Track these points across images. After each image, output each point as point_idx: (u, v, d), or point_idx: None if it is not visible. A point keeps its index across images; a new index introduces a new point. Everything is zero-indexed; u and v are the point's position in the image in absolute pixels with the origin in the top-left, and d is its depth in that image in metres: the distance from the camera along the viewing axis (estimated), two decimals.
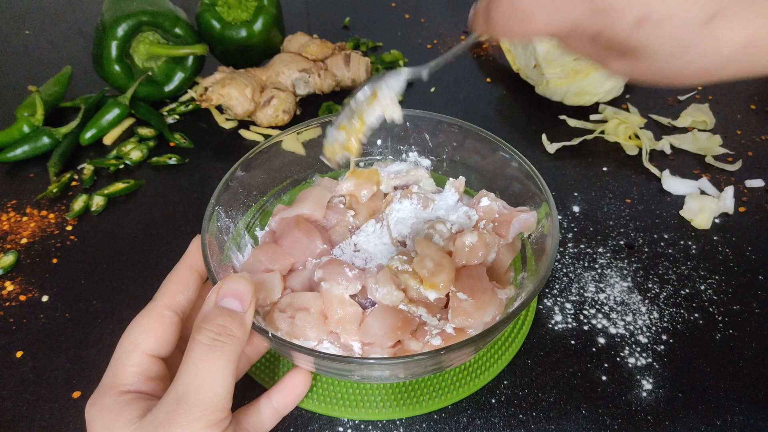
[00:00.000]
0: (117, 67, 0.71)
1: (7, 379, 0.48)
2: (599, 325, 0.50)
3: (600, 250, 0.57)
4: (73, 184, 0.66)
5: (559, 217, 0.60)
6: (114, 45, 0.69)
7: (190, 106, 0.77)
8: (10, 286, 0.55)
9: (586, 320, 0.51)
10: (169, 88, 0.75)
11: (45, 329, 0.51)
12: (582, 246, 0.57)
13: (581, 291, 0.53)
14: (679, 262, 0.56)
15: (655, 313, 0.51)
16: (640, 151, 0.68)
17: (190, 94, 0.78)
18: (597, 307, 0.52)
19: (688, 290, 0.53)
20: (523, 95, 0.78)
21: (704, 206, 0.60)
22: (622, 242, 0.58)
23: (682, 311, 0.52)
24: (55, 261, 0.57)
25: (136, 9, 0.69)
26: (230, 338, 0.34)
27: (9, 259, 0.57)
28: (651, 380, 0.46)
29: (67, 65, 0.80)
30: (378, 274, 0.43)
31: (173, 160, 0.69)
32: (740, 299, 0.52)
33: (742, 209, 0.61)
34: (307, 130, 0.53)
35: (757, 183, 0.64)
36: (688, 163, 0.67)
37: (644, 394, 0.46)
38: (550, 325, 0.51)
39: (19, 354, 0.49)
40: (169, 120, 0.75)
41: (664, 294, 0.53)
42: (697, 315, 0.51)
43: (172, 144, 0.71)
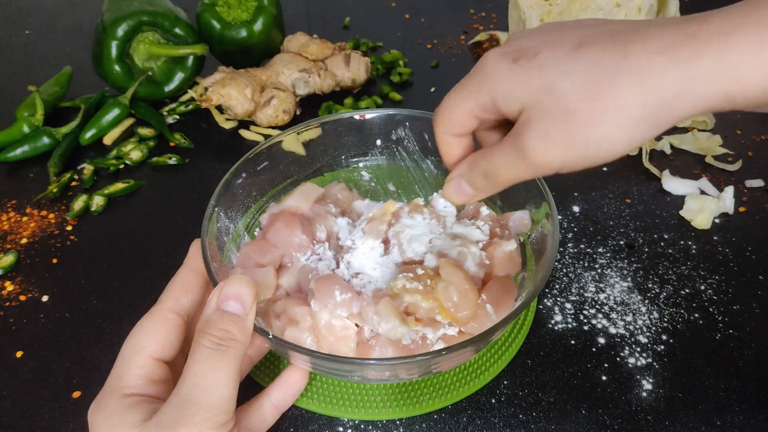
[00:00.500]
0: (117, 67, 0.71)
1: (7, 379, 0.48)
2: (599, 325, 0.50)
3: (600, 250, 0.57)
4: (73, 184, 0.66)
5: (559, 217, 0.60)
6: (114, 45, 0.69)
7: (190, 106, 0.77)
8: (10, 286, 0.55)
9: (586, 320, 0.51)
10: (169, 88, 0.75)
11: (45, 329, 0.51)
12: (582, 246, 0.58)
13: (581, 291, 0.53)
14: (679, 262, 0.56)
15: (655, 313, 0.51)
16: (640, 151, 0.68)
17: (190, 94, 0.78)
18: (597, 307, 0.52)
19: (688, 290, 0.53)
20: None
21: (704, 206, 0.60)
22: (622, 242, 0.58)
23: (682, 311, 0.52)
24: (55, 261, 0.57)
25: (136, 9, 0.69)
26: (233, 342, 0.34)
27: (9, 259, 0.57)
28: (651, 380, 0.47)
29: (67, 65, 0.80)
30: (379, 304, 0.39)
31: (173, 160, 0.69)
32: (740, 299, 0.52)
33: (742, 209, 0.61)
34: (307, 130, 0.53)
35: (757, 183, 0.64)
36: (688, 163, 0.67)
37: (644, 394, 0.46)
38: (550, 325, 0.51)
39: (19, 354, 0.49)
40: (169, 120, 0.75)
41: (664, 294, 0.53)
42: (697, 315, 0.51)
43: (172, 144, 0.71)
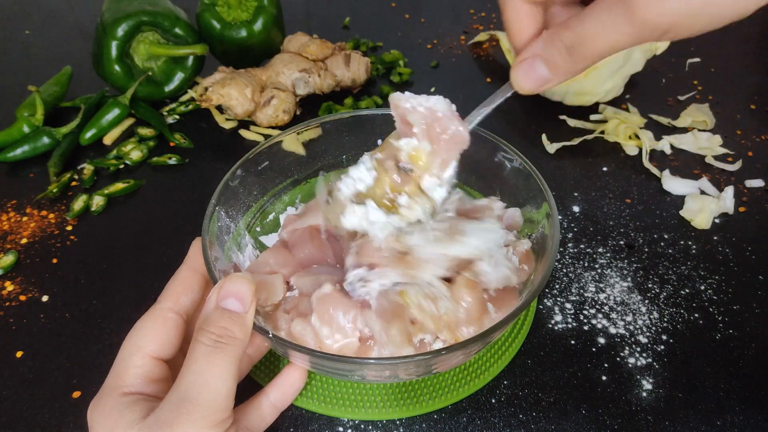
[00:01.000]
0: (117, 67, 0.71)
1: (7, 379, 0.48)
2: (599, 325, 0.50)
3: (600, 250, 0.57)
4: (73, 184, 0.66)
5: (559, 217, 0.60)
6: (114, 45, 0.69)
7: (190, 106, 0.77)
8: (10, 286, 0.55)
9: (586, 320, 0.51)
10: (169, 88, 0.75)
11: (45, 329, 0.51)
12: (582, 246, 0.57)
13: (581, 291, 0.53)
14: (679, 262, 0.56)
15: (655, 313, 0.51)
16: (640, 151, 0.68)
17: (190, 94, 0.78)
18: (597, 307, 0.52)
19: (688, 290, 0.53)
20: (523, 95, 0.78)
21: (704, 206, 0.60)
22: (622, 242, 0.58)
23: (682, 311, 0.52)
24: (55, 261, 0.57)
25: (136, 9, 0.69)
26: (232, 339, 0.34)
27: (9, 259, 0.57)
28: (651, 380, 0.46)
29: (67, 65, 0.80)
30: (392, 330, 0.38)
31: (173, 160, 0.69)
32: (740, 299, 0.52)
33: (742, 209, 0.61)
34: (307, 130, 0.53)
35: (757, 183, 0.64)
36: (688, 163, 0.67)
37: (644, 394, 0.46)
38: (550, 325, 0.51)
39: (19, 354, 0.49)
40: (169, 120, 0.75)
41: (664, 294, 0.53)
42: (697, 315, 0.51)
43: (172, 144, 0.71)
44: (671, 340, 0.49)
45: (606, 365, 0.48)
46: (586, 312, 0.52)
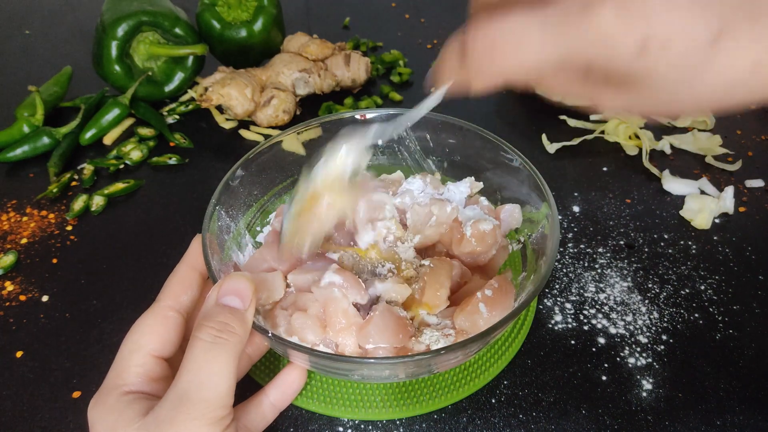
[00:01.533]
0: (117, 67, 0.71)
1: (7, 379, 0.47)
2: (599, 325, 0.50)
3: (600, 250, 0.57)
4: (73, 184, 0.66)
5: (559, 217, 0.60)
6: (114, 45, 0.69)
7: (190, 106, 0.77)
8: (10, 286, 0.55)
9: (586, 320, 0.51)
10: (169, 88, 0.75)
11: (45, 329, 0.51)
12: (582, 246, 0.57)
13: (581, 291, 0.53)
14: (679, 262, 0.56)
15: (655, 313, 0.51)
16: (640, 151, 0.68)
17: (190, 94, 0.78)
18: (597, 307, 0.52)
19: (688, 290, 0.53)
20: (523, 95, 0.78)
21: (704, 206, 0.60)
22: (622, 242, 0.58)
23: (682, 311, 0.52)
24: (55, 261, 0.57)
25: (136, 9, 0.69)
26: (232, 335, 0.34)
27: (9, 259, 0.57)
28: (651, 380, 0.46)
29: (67, 65, 0.80)
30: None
31: (173, 160, 0.69)
32: (740, 299, 0.52)
33: (742, 209, 0.61)
34: (307, 130, 0.53)
35: (757, 183, 0.64)
36: (688, 163, 0.67)
37: (644, 394, 0.46)
38: (550, 325, 0.51)
39: (19, 354, 0.49)
40: (169, 120, 0.75)
41: (664, 294, 0.53)
42: (697, 315, 0.51)
43: (172, 144, 0.71)
44: (671, 340, 0.49)
45: (606, 365, 0.48)
46: (586, 312, 0.52)
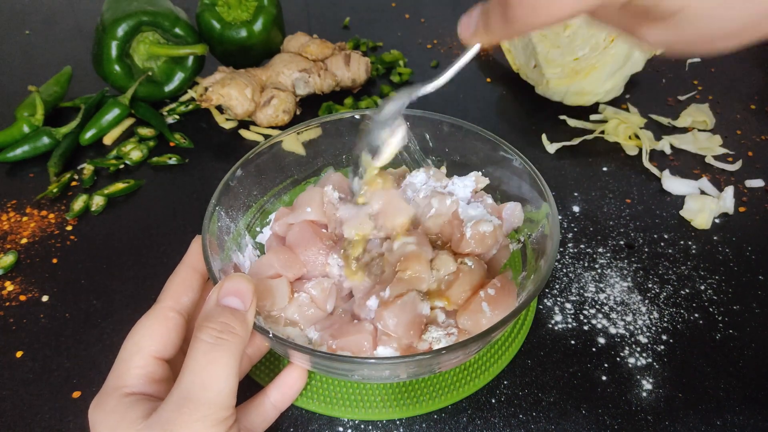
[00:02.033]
0: (117, 67, 0.71)
1: (7, 379, 0.48)
2: (599, 325, 0.50)
3: (600, 250, 0.57)
4: (73, 184, 0.66)
5: (559, 217, 0.60)
6: (114, 45, 0.69)
7: (190, 106, 0.76)
8: (10, 286, 0.55)
9: (586, 320, 0.51)
10: (169, 88, 0.75)
11: (45, 329, 0.51)
12: (582, 246, 0.57)
13: (581, 291, 0.53)
14: (679, 262, 0.56)
15: (655, 313, 0.51)
16: (640, 151, 0.68)
17: (190, 94, 0.78)
18: (597, 307, 0.52)
19: (688, 290, 0.53)
20: (523, 95, 0.78)
21: (704, 206, 0.60)
22: (622, 242, 0.58)
23: (682, 311, 0.52)
24: (55, 261, 0.57)
25: (136, 9, 0.69)
26: (233, 336, 0.34)
27: (9, 259, 0.57)
28: (651, 380, 0.47)
29: (67, 65, 0.80)
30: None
31: (173, 160, 0.69)
32: (740, 299, 0.52)
33: (742, 209, 0.61)
34: (307, 130, 0.53)
35: (757, 183, 0.64)
36: (688, 163, 0.67)
37: (644, 394, 0.46)
38: (550, 325, 0.51)
39: (19, 354, 0.49)
40: (169, 120, 0.75)
41: (664, 294, 0.53)
42: (697, 315, 0.51)
43: (172, 144, 0.71)
44: (671, 340, 0.49)
45: (606, 365, 0.48)
46: (586, 312, 0.52)
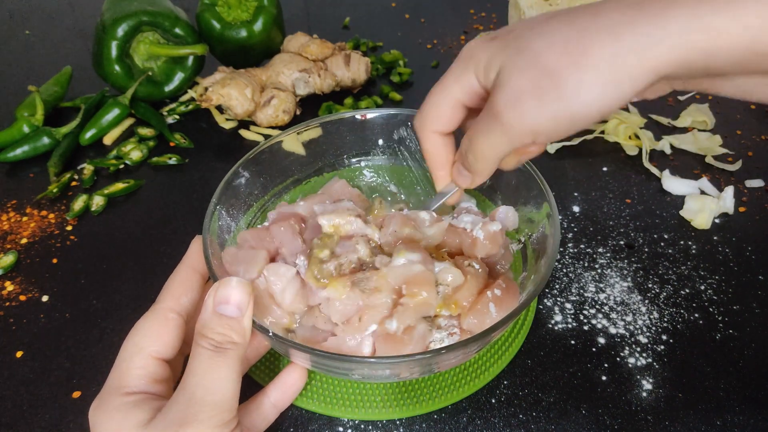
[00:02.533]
0: (117, 67, 0.71)
1: (7, 379, 0.48)
2: (599, 325, 0.50)
3: (600, 250, 0.57)
4: (73, 184, 0.66)
5: (559, 217, 0.60)
6: (114, 45, 0.70)
7: (190, 106, 0.77)
8: (10, 286, 0.55)
9: (586, 320, 0.51)
10: (169, 88, 0.75)
11: (45, 329, 0.51)
12: (582, 246, 0.58)
13: (581, 291, 0.53)
14: (679, 262, 0.56)
15: (655, 313, 0.51)
16: (640, 151, 0.68)
17: (190, 94, 0.78)
18: (597, 307, 0.52)
19: (688, 290, 0.53)
20: None
21: (704, 206, 0.60)
22: (622, 242, 0.58)
23: (682, 311, 0.52)
24: (55, 261, 0.57)
25: (136, 9, 0.69)
26: (232, 345, 0.35)
27: (9, 259, 0.57)
28: (651, 380, 0.47)
29: (67, 65, 0.80)
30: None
31: (173, 160, 0.69)
32: (740, 299, 0.52)
33: (742, 209, 0.61)
34: (307, 130, 0.53)
35: (757, 183, 0.64)
36: (688, 163, 0.67)
37: (644, 394, 0.46)
38: (550, 325, 0.51)
39: (19, 354, 0.49)
40: (169, 120, 0.75)
41: (664, 294, 0.53)
42: (697, 315, 0.51)
43: (172, 144, 0.71)
44: (671, 340, 0.49)
45: (606, 365, 0.48)
46: (586, 312, 0.52)
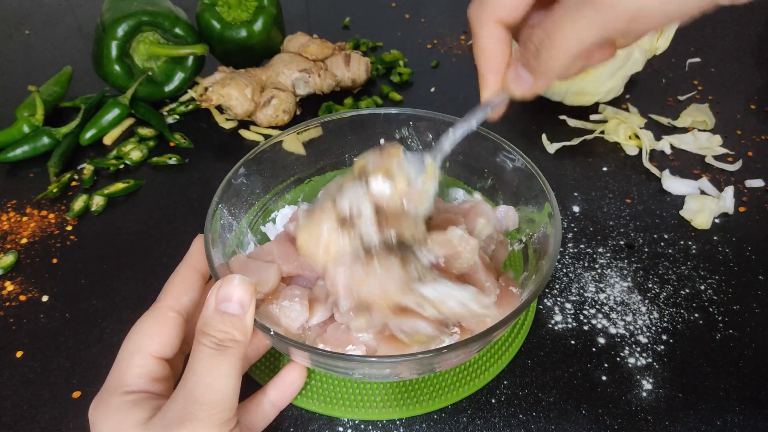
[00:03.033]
0: (117, 67, 0.71)
1: (7, 379, 0.47)
2: (599, 325, 0.50)
3: (600, 250, 0.57)
4: (73, 184, 0.66)
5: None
6: (114, 45, 0.69)
7: (190, 106, 0.76)
8: (10, 286, 0.55)
9: (586, 320, 0.51)
10: (169, 88, 0.75)
11: (45, 329, 0.51)
12: (582, 246, 0.58)
13: (581, 291, 0.53)
14: (679, 262, 0.56)
15: (655, 313, 0.51)
16: (640, 151, 0.68)
17: (190, 94, 0.78)
18: (597, 307, 0.52)
19: (688, 290, 0.53)
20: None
21: (704, 206, 0.60)
22: (622, 242, 0.58)
23: (682, 311, 0.52)
24: (55, 261, 0.57)
25: (136, 9, 0.69)
26: (233, 343, 0.35)
27: (9, 259, 0.57)
28: (651, 380, 0.47)
29: (67, 65, 0.80)
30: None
31: (173, 160, 0.69)
32: (740, 299, 0.52)
33: (742, 209, 0.61)
34: (307, 130, 0.53)
35: (757, 183, 0.64)
36: (688, 163, 0.67)
37: (644, 394, 0.46)
38: (550, 325, 0.51)
39: (19, 354, 0.49)
40: (169, 120, 0.75)
41: (664, 294, 0.53)
42: (697, 315, 0.51)
43: (172, 144, 0.71)
44: (671, 340, 0.49)
45: (606, 365, 0.48)
46: (586, 312, 0.52)
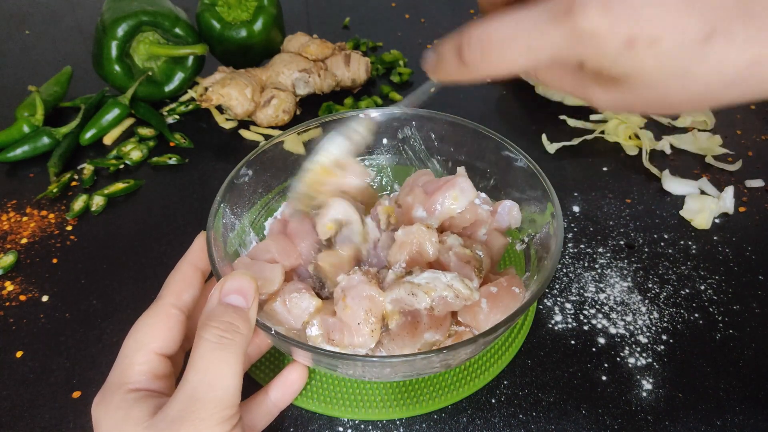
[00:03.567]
0: (117, 67, 0.71)
1: (7, 379, 0.47)
2: (599, 325, 0.50)
3: (600, 250, 0.57)
4: (73, 184, 0.66)
5: None
6: (114, 45, 0.69)
7: (190, 106, 0.77)
8: (10, 286, 0.55)
9: (586, 320, 0.51)
10: (169, 88, 0.75)
11: (45, 329, 0.51)
12: (582, 246, 0.58)
13: (581, 291, 0.53)
14: (679, 262, 0.56)
15: (655, 313, 0.51)
16: (640, 151, 0.68)
17: (190, 94, 0.78)
18: (597, 307, 0.52)
19: (688, 290, 0.53)
20: (523, 95, 0.78)
21: (704, 206, 0.60)
22: (622, 242, 0.58)
23: (682, 311, 0.52)
24: (55, 261, 0.57)
25: (136, 9, 0.69)
26: (237, 335, 0.34)
27: (9, 259, 0.57)
28: (651, 380, 0.47)
29: (67, 65, 0.80)
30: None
31: (173, 160, 0.69)
32: (740, 299, 0.52)
33: (742, 209, 0.61)
34: (307, 130, 0.53)
35: (757, 183, 0.64)
36: (688, 163, 0.67)
37: (644, 394, 0.46)
38: (550, 325, 0.51)
39: (19, 354, 0.49)
40: (169, 120, 0.75)
41: (664, 294, 0.53)
42: (697, 315, 0.51)
43: (172, 144, 0.71)
44: (671, 340, 0.49)
45: (606, 365, 0.48)
46: (586, 312, 0.52)
